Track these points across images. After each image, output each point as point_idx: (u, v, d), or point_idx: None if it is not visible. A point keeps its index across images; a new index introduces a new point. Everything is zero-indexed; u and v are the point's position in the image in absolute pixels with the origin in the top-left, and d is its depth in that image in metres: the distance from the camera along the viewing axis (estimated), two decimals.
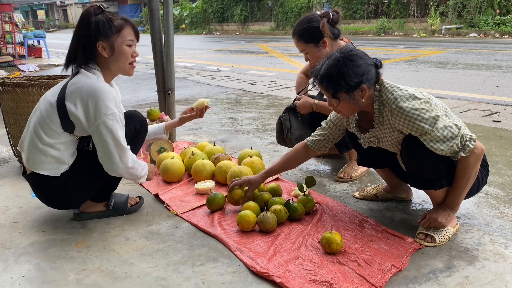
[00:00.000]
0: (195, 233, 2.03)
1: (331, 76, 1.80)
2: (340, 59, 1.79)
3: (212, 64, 9.89)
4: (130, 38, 2.01)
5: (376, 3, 18.63)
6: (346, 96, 1.82)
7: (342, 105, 1.85)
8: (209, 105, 2.58)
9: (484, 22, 14.79)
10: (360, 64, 1.79)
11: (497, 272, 1.64)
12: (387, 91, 1.82)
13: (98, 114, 1.88)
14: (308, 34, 2.49)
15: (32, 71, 9.64)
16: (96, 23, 1.93)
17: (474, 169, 1.80)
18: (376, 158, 2.17)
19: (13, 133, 3.04)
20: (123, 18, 2.01)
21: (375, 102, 1.86)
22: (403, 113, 1.73)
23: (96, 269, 1.76)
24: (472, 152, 1.75)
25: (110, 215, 2.21)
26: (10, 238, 2.04)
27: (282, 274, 1.64)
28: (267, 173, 2.25)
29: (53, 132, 1.95)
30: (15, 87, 2.87)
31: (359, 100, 1.83)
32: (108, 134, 1.91)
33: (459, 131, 1.73)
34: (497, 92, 5.36)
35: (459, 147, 1.73)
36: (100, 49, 1.95)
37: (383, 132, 1.91)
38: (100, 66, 1.99)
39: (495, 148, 3.15)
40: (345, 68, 1.77)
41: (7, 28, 11.69)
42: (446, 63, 8.20)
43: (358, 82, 1.78)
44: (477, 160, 1.78)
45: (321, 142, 2.17)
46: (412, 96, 1.75)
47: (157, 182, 2.67)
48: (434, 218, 1.87)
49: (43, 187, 2.03)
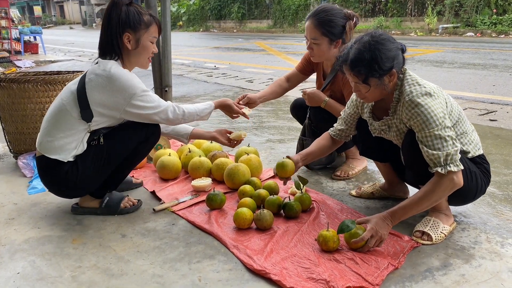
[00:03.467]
0: (192, 231, 2.03)
1: (363, 60, 1.73)
2: (372, 43, 1.73)
3: (209, 61, 9.86)
4: (154, 35, 2.08)
5: (373, 1, 18.63)
6: (376, 81, 1.78)
7: (372, 91, 1.81)
8: (245, 136, 2.49)
9: (480, 21, 14.81)
10: (391, 48, 1.74)
11: (493, 271, 1.65)
12: (407, 82, 1.80)
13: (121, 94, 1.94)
14: (330, 27, 2.37)
15: (28, 67, 9.59)
16: (126, 13, 1.98)
17: (438, 193, 1.71)
18: (379, 150, 2.16)
19: (8, 129, 3.02)
20: (151, 14, 2.07)
21: (396, 90, 1.84)
22: (413, 108, 1.73)
23: (92, 266, 1.75)
24: (450, 176, 1.68)
25: (102, 213, 2.20)
26: (5, 234, 2.03)
27: (278, 271, 1.64)
28: (306, 155, 2.23)
29: (70, 119, 2.00)
30: (11, 83, 2.85)
31: (387, 85, 1.80)
32: (140, 112, 2.00)
33: (450, 150, 1.68)
34: (494, 91, 5.37)
35: (440, 163, 1.69)
36: (125, 40, 2.00)
37: (393, 122, 1.90)
38: (121, 57, 2.03)
39: (492, 147, 3.16)
40: (377, 52, 1.72)
41: (3, 23, 11.59)
42: (443, 62, 8.22)
43: (390, 66, 1.74)
44: (447, 186, 1.70)
45: (343, 132, 2.19)
46: (428, 94, 1.73)
47: (153, 179, 2.67)
48: (375, 230, 1.75)
49: (49, 171, 2.06)
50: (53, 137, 2.01)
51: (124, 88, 1.94)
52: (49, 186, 2.13)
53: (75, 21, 47.63)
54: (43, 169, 2.07)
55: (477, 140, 1.94)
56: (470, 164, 1.85)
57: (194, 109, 2.18)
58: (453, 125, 1.85)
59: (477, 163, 1.89)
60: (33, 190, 2.51)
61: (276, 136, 3.61)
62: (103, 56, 2.03)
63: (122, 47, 2.02)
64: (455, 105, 1.86)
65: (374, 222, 1.77)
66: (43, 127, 2.06)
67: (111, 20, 1.99)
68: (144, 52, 2.06)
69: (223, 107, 2.40)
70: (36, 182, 2.56)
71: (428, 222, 1.92)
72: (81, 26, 42.56)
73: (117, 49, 2.01)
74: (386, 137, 2.00)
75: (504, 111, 4.31)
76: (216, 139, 2.50)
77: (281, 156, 3.08)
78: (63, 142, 2.00)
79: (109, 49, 2.01)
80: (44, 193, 2.44)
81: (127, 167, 2.23)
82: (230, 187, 2.48)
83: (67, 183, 2.06)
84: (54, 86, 2.89)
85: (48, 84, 2.88)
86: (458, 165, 1.70)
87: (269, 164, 2.91)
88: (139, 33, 2.01)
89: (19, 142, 3.00)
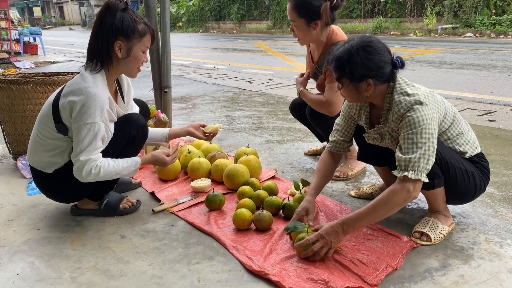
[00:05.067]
0: (191, 231, 2.03)
1: (340, 60, 1.77)
2: (355, 47, 1.74)
3: (208, 62, 9.87)
4: (147, 45, 1.99)
5: (372, 2, 18.64)
6: (349, 84, 1.79)
7: (345, 91, 1.84)
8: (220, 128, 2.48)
9: (480, 22, 14.83)
10: (373, 59, 1.73)
11: (492, 271, 1.65)
12: (396, 92, 1.78)
13: (79, 117, 1.85)
14: (305, 9, 2.39)
15: (28, 68, 9.58)
16: (121, 20, 1.89)
17: (389, 203, 1.68)
18: (376, 155, 2.16)
19: (8, 130, 3.02)
20: (146, 23, 1.97)
21: (386, 99, 1.84)
22: (399, 118, 1.74)
23: (91, 267, 1.75)
24: (406, 183, 1.66)
25: (101, 214, 2.19)
26: (5, 236, 2.03)
27: (278, 272, 1.64)
28: (315, 190, 2.05)
29: (48, 132, 1.98)
30: (10, 84, 2.85)
31: (363, 92, 1.80)
32: (82, 138, 1.86)
33: (416, 157, 1.66)
34: (493, 92, 5.38)
35: (400, 166, 1.69)
36: (116, 47, 1.91)
37: (385, 130, 1.90)
38: (109, 63, 1.96)
39: (491, 147, 3.16)
40: (355, 57, 1.72)
41: (2, 25, 11.59)
42: (442, 62, 8.23)
43: (363, 75, 1.73)
44: (399, 196, 1.67)
45: (339, 143, 2.12)
46: (417, 102, 1.70)
47: (153, 180, 2.67)
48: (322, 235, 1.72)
49: (40, 180, 2.08)
50: (37, 147, 2.02)
51: (84, 111, 1.84)
52: (45, 193, 2.16)
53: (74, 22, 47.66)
54: (36, 179, 2.10)
55: (474, 139, 1.94)
56: (467, 164, 1.85)
57: (115, 168, 1.96)
58: (448, 126, 1.85)
59: (475, 162, 1.89)
60: (33, 191, 2.51)
61: (275, 137, 3.61)
62: (90, 61, 1.95)
63: (112, 55, 1.93)
64: (449, 106, 1.86)
65: (323, 228, 1.74)
66: (31, 136, 2.05)
67: (104, 25, 1.90)
68: (134, 62, 1.97)
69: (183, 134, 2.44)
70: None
71: (427, 222, 1.92)
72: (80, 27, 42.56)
73: (106, 56, 1.93)
74: (381, 145, 1.99)
75: (503, 112, 4.32)
76: (191, 133, 2.43)
77: (281, 157, 3.08)
78: (46, 153, 2.00)
79: (97, 54, 1.94)
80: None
81: None
82: (229, 188, 2.48)
83: (61, 191, 2.09)
84: (54, 87, 2.89)
85: (48, 85, 2.88)
86: (419, 174, 1.66)
87: (268, 165, 2.92)
88: (131, 42, 1.92)
89: (18, 143, 3.00)
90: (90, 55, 1.97)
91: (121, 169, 1.97)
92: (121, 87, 2.20)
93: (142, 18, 1.98)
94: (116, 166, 1.96)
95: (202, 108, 4.97)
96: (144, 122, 2.16)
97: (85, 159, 1.86)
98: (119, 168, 1.96)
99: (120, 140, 2.04)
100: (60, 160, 2.00)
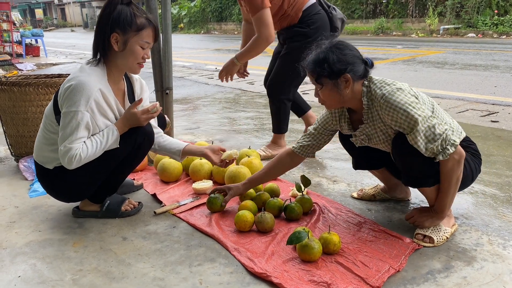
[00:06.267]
0: (193, 233, 2.03)
1: (316, 60, 1.82)
2: (328, 47, 1.82)
3: (210, 63, 9.87)
4: (147, 40, 1.97)
5: (374, 3, 18.64)
6: (329, 82, 1.82)
7: (325, 92, 1.85)
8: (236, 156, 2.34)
9: (482, 22, 14.81)
10: (347, 54, 1.80)
11: (495, 273, 1.64)
12: (375, 86, 1.83)
13: (65, 104, 1.86)
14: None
15: (30, 70, 9.60)
16: (119, 13, 1.90)
17: (455, 174, 1.79)
18: (370, 160, 2.16)
19: (10, 132, 3.02)
20: (147, 18, 1.96)
21: (363, 97, 1.86)
22: (391, 107, 1.74)
23: (93, 269, 1.75)
24: (451, 157, 1.74)
25: (103, 216, 2.19)
26: (7, 238, 2.03)
27: (280, 274, 1.63)
28: (249, 182, 2.22)
29: (50, 125, 1.99)
30: (12, 86, 2.85)
31: (343, 90, 1.83)
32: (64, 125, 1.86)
33: (442, 134, 1.72)
34: (495, 92, 5.37)
35: (439, 150, 1.73)
36: (112, 40, 1.92)
37: (373, 129, 1.90)
38: (109, 58, 1.96)
39: (493, 148, 3.15)
40: (330, 54, 1.79)
41: (4, 26, 11.64)
42: (444, 63, 8.21)
43: (341, 69, 1.79)
44: (456, 166, 1.77)
45: (309, 148, 2.12)
46: (399, 89, 1.77)
47: (154, 182, 2.66)
48: (419, 221, 1.93)
49: (44, 177, 2.09)
50: (42, 142, 2.04)
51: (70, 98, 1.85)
52: (47, 191, 2.16)
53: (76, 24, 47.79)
54: (39, 175, 2.11)
55: (457, 125, 1.96)
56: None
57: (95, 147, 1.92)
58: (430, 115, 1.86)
59: (464, 148, 1.89)
60: (34, 193, 2.51)
61: None
62: (94, 55, 1.97)
63: (109, 48, 1.93)
64: (426, 99, 1.88)
65: (419, 212, 1.97)
66: (36, 141, 2.08)
67: (103, 17, 1.91)
68: (131, 56, 1.95)
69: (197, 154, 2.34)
70: (37, 185, 2.56)
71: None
72: (82, 29, 42.68)
73: (103, 49, 1.94)
74: (371, 145, 2.00)
75: (505, 112, 4.30)
76: (207, 157, 2.31)
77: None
78: (49, 148, 2.01)
79: (96, 48, 1.95)
80: (45, 196, 2.44)
81: (122, 172, 2.19)
82: None
83: (62, 189, 2.09)
84: (55, 89, 2.89)
85: (49, 87, 2.88)
86: (453, 143, 1.74)
87: None
88: (127, 35, 1.90)
89: (20, 145, 3.01)
90: (93, 49, 1.98)
91: (99, 145, 1.93)
92: (132, 87, 2.19)
93: (145, 13, 1.97)
94: (95, 145, 1.91)
95: (203, 110, 4.97)
96: (151, 129, 2.14)
97: (65, 149, 1.86)
98: (98, 146, 1.92)
99: (125, 146, 2.02)
100: (58, 156, 1.99)
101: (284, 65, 2.89)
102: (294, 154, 2.14)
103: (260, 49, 2.75)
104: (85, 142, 1.90)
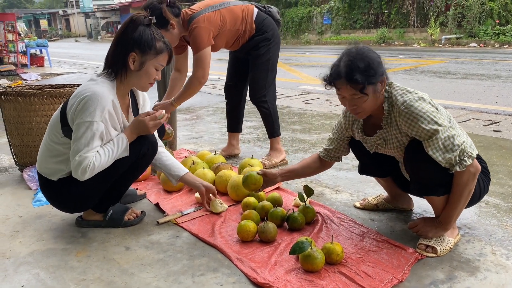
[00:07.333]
0: (196, 243, 2.03)
1: (358, 69, 1.73)
2: (360, 52, 1.77)
3: (213, 73, 9.90)
4: (162, 63, 2.03)
5: (376, 13, 18.75)
6: (373, 89, 1.78)
7: (369, 100, 1.79)
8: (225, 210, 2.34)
9: (483, 32, 14.86)
10: (376, 56, 1.80)
11: (498, 284, 1.63)
12: (396, 93, 1.83)
13: (79, 114, 1.88)
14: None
15: (34, 80, 9.68)
16: (140, 34, 1.95)
17: (468, 187, 1.79)
18: (378, 167, 2.16)
19: (14, 142, 3.05)
20: (165, 42, 2.02)
21: (385, 102, 1.86)
22: (411, 114, 1.74)
23: (96, 279, 1.75)
24: (468, 169, 1.74)
25: (106, 226, 2.20)
26: (10, 247, 2.04)
27: (282, 284, 1.63)
28: (288, 171, 2.24)
29: (56, 136, 2.00)
30: (17, 96, 2.88)
31: (380, 93, 1.82)
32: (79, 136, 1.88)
33: (461, 145, 1.72)
34: (497, 102, 5.37)
35: (457, 160, 1.73)
36: (130, 59, 1.96)
37: (390, 134, 1.90)
38: (122, 74, 2.00)
39: (496, 158, 3.15)
40: (368, 59, 1.75)
41: (9, 37, 11.75)
42: (446, 72, 8.23)
43: (382, 71, 1.79)
44: (471, 179, 1.77)
45: (332, 152, 2.16)
46: (421, 98, 1.78)
47: (157, 191, 2.67)
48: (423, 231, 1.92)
49: (47, 188, 2.10)
50: (45, 153, 2.05)
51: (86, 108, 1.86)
52: (51, 202, 2.17)
53: (80, 34, 48.21)
54: (42, 186, 2.12)
55: (470, 141, 1.94)
56: None
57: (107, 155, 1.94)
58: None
59: None
60: (38, 203, 2.52)
61: None
62: (105, 69, 2.02)
63: (124, 65, 1.98)
64: (444, 111, 1.89)
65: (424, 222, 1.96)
66: (39, 152, 2.10)
67: (124, 35, 1.96)
68: (145, 77, 2.01)
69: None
70: (41, 195, 2.57)
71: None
72: (86, 39, 43.05)
73: (120, 65, 1.98)
74: (384, 152, 2.00)
75: (508, 122, 4.31)
76: (201, 195, 2.31)
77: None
78: (53, 159, 2.03)
79: (113, 63, 1.99)
80: (49, 205, 2.44)
81: (126, 182, 2.20)
82: (233, 199, 2.48)
83: (66, 201, 2.11)
84: (60, 99, 2.92)
85: (54, 97, 2.91)
86: (470, 156, 1.74)
87: None
88: (146, 56, 1.96)
89: (24, 154, 3.03)
90: (106, 63, 2.02)
91: (111, 154, 1.95)
92: (136, 101, 2.23)
93: (163, 37, 2.03)
94: (107, 153, 1.94)
95: (206, 119, 4.99)
96: (155, 139, 2.18)
97: (80, 159, 1.88)
98: (110, 154, 1.94)
99: (129, 156, 2.03)
100: (64, 168, 2.01)
101: (259, 69, 3.05)
102: (320, 159, 2.20)
103: (194, 90, 2.92)
104: (98, 151, 1.92)
